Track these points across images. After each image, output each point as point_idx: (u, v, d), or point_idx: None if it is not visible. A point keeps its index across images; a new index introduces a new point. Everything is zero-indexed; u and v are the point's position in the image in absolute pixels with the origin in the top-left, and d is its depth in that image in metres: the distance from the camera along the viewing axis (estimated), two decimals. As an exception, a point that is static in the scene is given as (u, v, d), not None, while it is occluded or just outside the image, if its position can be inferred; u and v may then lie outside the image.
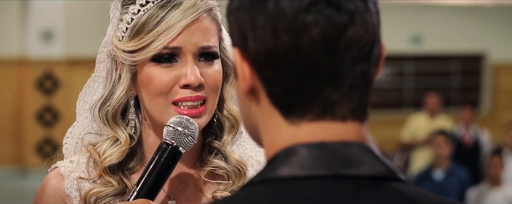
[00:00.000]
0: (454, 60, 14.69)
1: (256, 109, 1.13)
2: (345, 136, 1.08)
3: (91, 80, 1.86)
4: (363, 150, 1.08)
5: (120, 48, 1.75)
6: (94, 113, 1.80)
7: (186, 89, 1.72)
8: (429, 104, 10.42)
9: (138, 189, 1.70)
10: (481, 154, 9.74)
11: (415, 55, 14.40)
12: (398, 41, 13.81)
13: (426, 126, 10.11)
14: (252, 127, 1.16)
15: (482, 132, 10.15)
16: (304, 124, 1.09)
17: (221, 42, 1.79)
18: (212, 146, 1.82)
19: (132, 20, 1.75)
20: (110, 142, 1.79)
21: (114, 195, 1.78)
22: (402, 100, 14.47)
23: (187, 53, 1.73)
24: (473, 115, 10.15)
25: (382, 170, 1.07)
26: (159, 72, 1.73)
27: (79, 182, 1.80)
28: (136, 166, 1.81)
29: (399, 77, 14.50)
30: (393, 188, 1.07)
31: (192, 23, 1.73)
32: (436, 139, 8.25)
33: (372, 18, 1.10)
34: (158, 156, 1.71)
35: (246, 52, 1.11)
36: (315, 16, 1.07)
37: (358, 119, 1.10)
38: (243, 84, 1.12)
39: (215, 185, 1.81)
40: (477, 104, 13.93)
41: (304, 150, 1.07)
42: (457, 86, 14.75)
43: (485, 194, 7.63)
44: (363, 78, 1.10)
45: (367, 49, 1.09)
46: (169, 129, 1.71)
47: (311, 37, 1.07)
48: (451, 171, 8.01)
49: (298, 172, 1.06)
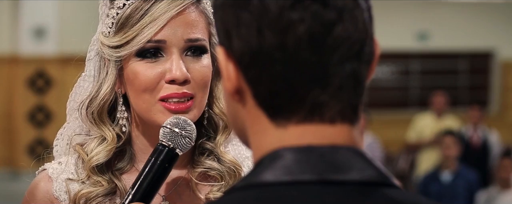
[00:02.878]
0: (462, 57, 14.68)
1: (243, 110, 1.12)
2: (333, 139, 1.07)
3: (82, 80, 1.86)
4: (353, 154, 1.07)
5: (106, 44, 1.76)
6: (82, 112, 1.80)
7: (172, 84, 1.72)
8: (435, 103, 10.42)
9: (133, 192, 1.70)
10: (490, 155, 9.75)
11: (421, 53, 14.40)
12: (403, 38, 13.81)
13: (433, 126, 10.11)
14: (239, 129, 1.15)
15: (491, 132, 10.15)
16: (291, 127, 1.07)
17: (212, 36, 1.79)
18: (204, 147, 1.82)
19: (117, 14, 1.75)
20: (97, 141, 1.79)
21: (104, 195, 1.77)
22: (408, 100, 14.46)
23: (172, 47, 1.72)
24: (482, 115, 10.15)
25: (372, 175, 1.06)
26: (144, 67, 1.73)
27: (68, 184, 1.80)
28: (126, 166, 1.81)
29: (405, 75, 14.49)
30: (384, 194, 1.05)
31: (177, 15, 1.72)
32: (444, 139, 8.25)
33: (363, 14, 1.09)
34: (154, 158, 1.70)
35: (231, 51, 1.10)
36: (301, 13, 1.05)
37: (347, 121, 1.08)
38: (228, 84, 1.11)
39: (208, 186, 1.81)
40: (485, 104, 13.93)
41: (290, 154, 1.06)
42: (465, 84, 14.74)
43: (495, 197, 7.63)
44: (352, 78, 1.08)
45: (357, 48, 1.08)
46: (166, 131, 1.70)
47: (297, 35, 1.06)
48: (459, 173, 8.02)
49: (283, 177, 1.04)
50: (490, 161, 9.67)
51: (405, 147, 10.84)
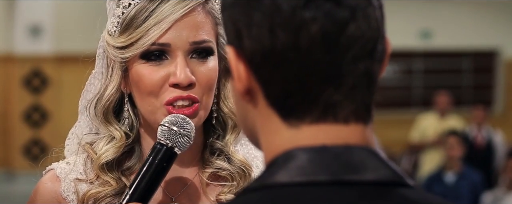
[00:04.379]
0: (466, 56, 14.69)
1: (253, 111, 1.12)
2: (347, 139, 1.07)
3: (92, 77, 1.86)
4: (368, 154, 1.07)
5: (111, 44, 1.76)
6: (90, 111, 1.81)
7: (176, 88, 1.72)
8: (439, 103, 10.43)
9: (130, 192, 1.70)
10: (494, 156, 9.75)
11: (424, 52, 14.40)
12: (406, 37, 13.81)
13: (436, 126, 10.12)
14: (250, 129, 1.15)
15: (495, 132, 10.16)
16: (304, 127, 1.08)
17: (219, 37, 1.78)
18: (214, 146, 1.82)
19: (123, 14, 1.75)
20: (106, 140, 1.80)
21: (113, 195, 1.78)
22: (411, 99, 14.47)
23: (177, 50, 1.72)
24: (486, 115, 10.16)
25: (387, 175, 1.06)
26: (148, 70, 1.73)
27: (76, 184, 1.80)
28: (134, 165, 1.81)
29: (408, 74, 14.49)
30: (400, 194, 1.05)
31: (183, 17, 1.72)
32: (448, 139, 8.26)
33: (375, 12, 1.09)
34: (152, 158, 1.71)
35: (241, 51, 1.10)
36: (314, 12, 1.06)
37: (361, 121, 1.09)
38: (239, 84, 1.11)
39: (218, 187, 1.81)
40: (490, 103, 13.93)
41: (304, 154, 1.06)
42: (469, 84, 14.74)
43: (501, 198, 7.63)
44: (366, 77, 1.09)
45: (370, 46, 1.08)
46: (164, 129, 1.70)
47: (310, 35, 1.06)
48: (463, 174, 8.03)
49: (297, 178, 1.04)
50: (495, 162, 9.68)
51: (408, 148, 10.85)
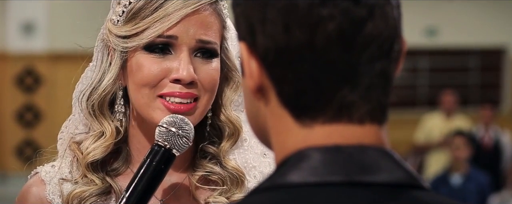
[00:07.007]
0: (472, 54, 14.68)
1: (265, 109, 1.12)
2: (362, 140, 1.08)
3: (88, 70, 1.86)
4: (382, 155, 1.07)
5: (113, 33, 1.76)
6: (82, 103, 1.81)
7: (176, 84, 1.72)
8: (445, 102, 10.42)
9: (127, 195, 1.69)
10: (502, 157, 9.75)
11: (430, 49, 14.39)
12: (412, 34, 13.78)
13: (442, 126, 10.11)
14: (260, 128, 1.16)
15: (503, 133, 10.15)
16: (317, 127, 1.08)
17: (224, 41, 1.79)
18: (206, 151, 1.82)
19: (130, 3, 1.76)
20: (93, 138, 1.79)
21: (98, 195, 1.78)
22: (416, 98, 14.46)
23: (183, 45, 1.73)
24: (493, 115, 10.15)
25: (402, 177, 1.06)
26: (150, 61, 1.73)
27: (61, 184, 1.80)
28: (121, 167, 1.82)
29: (413, 73, 14.48)
30: (413, 196, 1.06)
31: (193, 13, 1.73)
32: (454, 140, 8.25)
33: (393, 11, 1.10)
34: (150, 159, 1.70)
35: (254, 48, 1.10)
36: (331, 9, 1.06)
37: (376, 121, 1.10)
38: (250, 82, 1.12)
39: (208, 191, 1.81)
40: (497, 103, 13.91)
41: (317, 154, 1.06)
42: (476, 82, 14.74)
43: (509, 201, 7.63)
44: (382, 77, 1.09)
45: (387, 46, 1.09)
46: (162, 130, 1.70)
47: (327, 33, 1.06)
48: (470, 176, 8.02)
49: (310, 178, 1.05)
50: (503, 163, 9.67)
51: (413, 149, 10.83)
